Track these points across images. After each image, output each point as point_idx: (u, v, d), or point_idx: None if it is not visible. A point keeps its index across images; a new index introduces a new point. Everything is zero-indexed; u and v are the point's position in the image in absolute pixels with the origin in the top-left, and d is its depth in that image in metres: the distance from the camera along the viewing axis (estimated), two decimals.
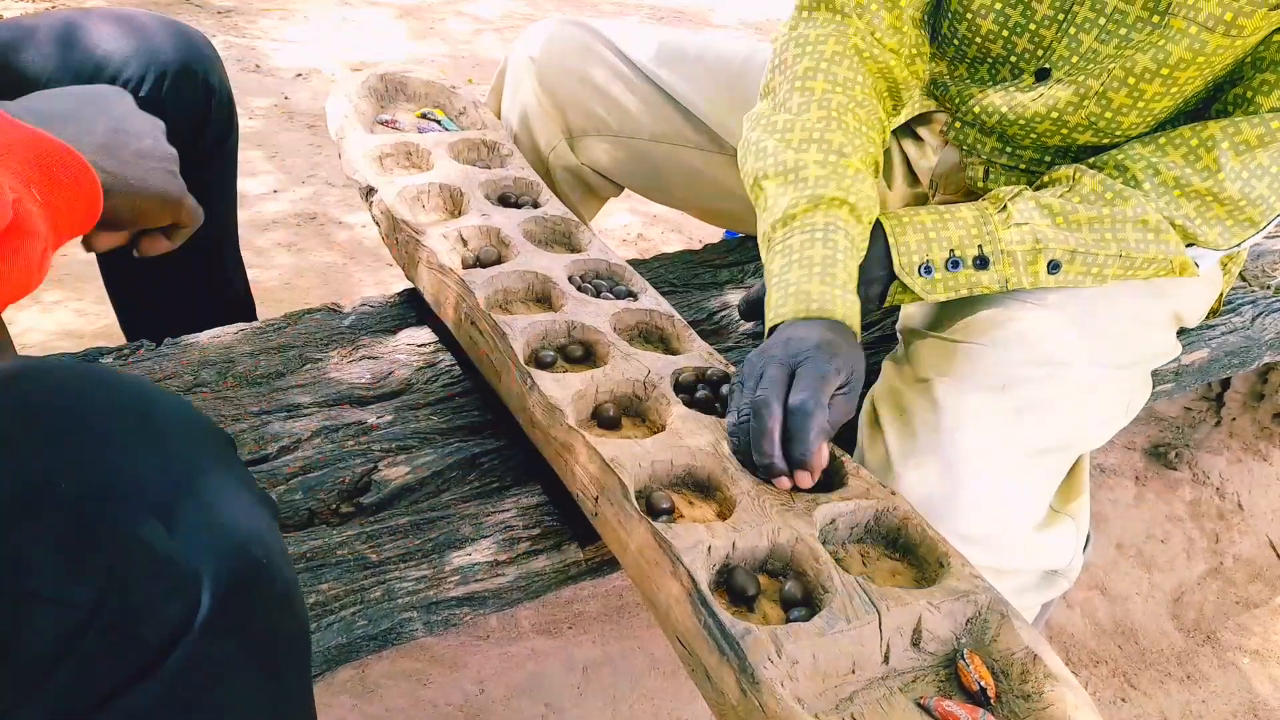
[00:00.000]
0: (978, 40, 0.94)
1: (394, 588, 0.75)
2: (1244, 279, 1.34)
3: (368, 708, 1.14)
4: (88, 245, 0.67)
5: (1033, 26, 0.90)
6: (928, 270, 0.87)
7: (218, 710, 0.47)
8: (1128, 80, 0.86)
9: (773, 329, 0.81)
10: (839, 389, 0.74)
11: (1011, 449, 0.82)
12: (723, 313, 1.12)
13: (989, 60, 0.96)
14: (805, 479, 0.70)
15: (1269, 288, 1.32)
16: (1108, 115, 0.89)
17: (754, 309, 0.96)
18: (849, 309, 0.80)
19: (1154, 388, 1.13)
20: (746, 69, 1.13)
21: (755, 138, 0.92)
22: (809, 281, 0.81)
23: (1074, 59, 0.89)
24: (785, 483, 0.71)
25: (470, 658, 1.22)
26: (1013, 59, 0.93)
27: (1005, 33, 0.92)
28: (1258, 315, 1.26)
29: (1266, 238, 1.44)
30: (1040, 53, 0.91)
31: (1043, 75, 0.92)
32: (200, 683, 0.46)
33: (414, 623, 0.75)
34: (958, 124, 1.00)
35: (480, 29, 3.49)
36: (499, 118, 1.27)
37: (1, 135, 0.53)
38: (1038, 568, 0.90)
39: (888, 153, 1.16)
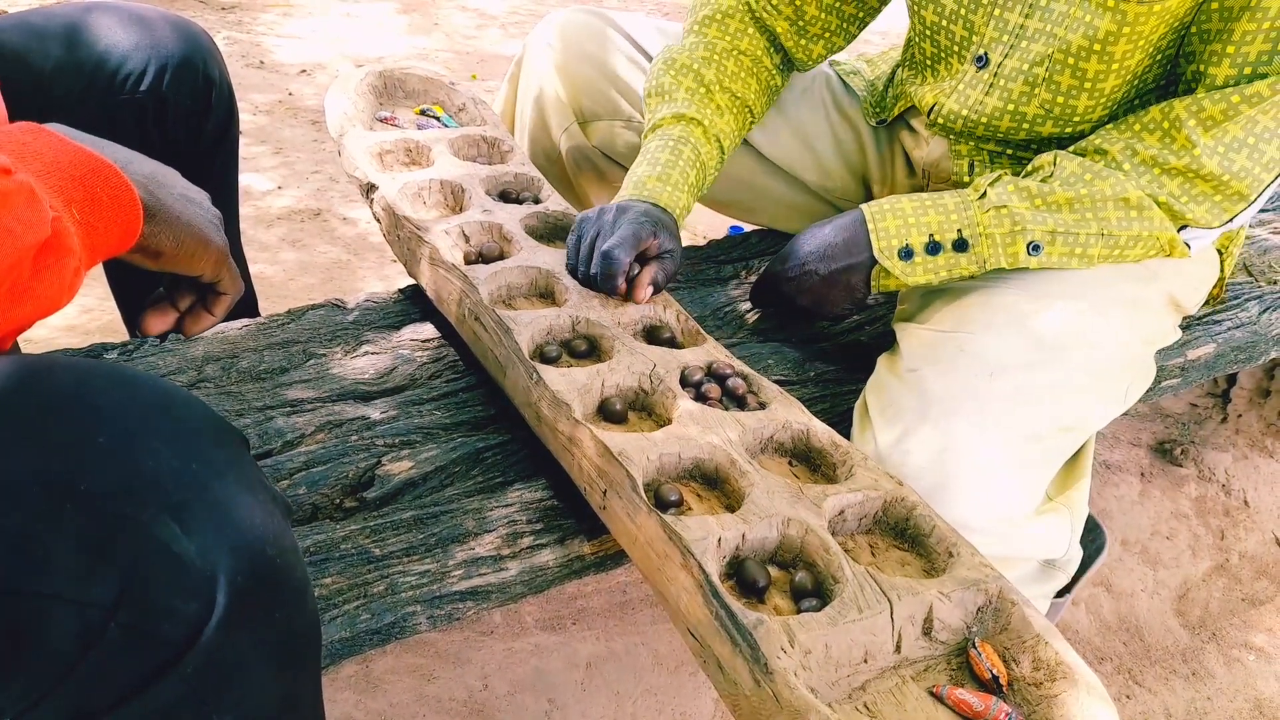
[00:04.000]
0: (929, 34, 0.99)
1: (397, 582, 0.74)
2: (1250, 274, 1.33)
3: (371, 703, 1.13)
4: (143, 329, 0.68)
5: (963, 12, 0.93)
6: (908, 254, 0.89)
7: (234, 706, 0.48)
8: (1067, 61, 0.88)
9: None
10: (661, 252, 0.93)
11: (1001, 436, 0.82)
12: (727, 308, 1.12)
13: (942, 56, 0.99)
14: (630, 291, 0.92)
15: (1276, 283, 1.32)
16: (1060, 100, 0.92)
17: (761, 294, 1.01)
18: (672, 200, 0.97)
19: (1160, 383, 1.13)
20: None
21: (654, 65, 1.08)
22: (650, 177, 0.98)
23: (1004, 38, 0.92)
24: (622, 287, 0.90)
25: (474, 653, 1.21)
26: (955, 48, 0.97)
27: (945, 22, 0.96)
28: (1264, 310, 1.25)
29: (1273, 233, 1.43)
30: (975, 38, 0.94)
31: (981, 61, 0.94)
32: (217, 680, 0.47)
33: (417, 617, 0.75)
34: (935, 126, 1.02)
35: (484, 24, 3.49)
36: (514, 105, 1.27)
37: (49, 152, 0.54)
38: (1032, 557, 0.90)
39: (889, 143, 1.17)
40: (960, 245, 0.89)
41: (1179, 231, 0.89)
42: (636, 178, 0.99)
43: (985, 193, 0.90)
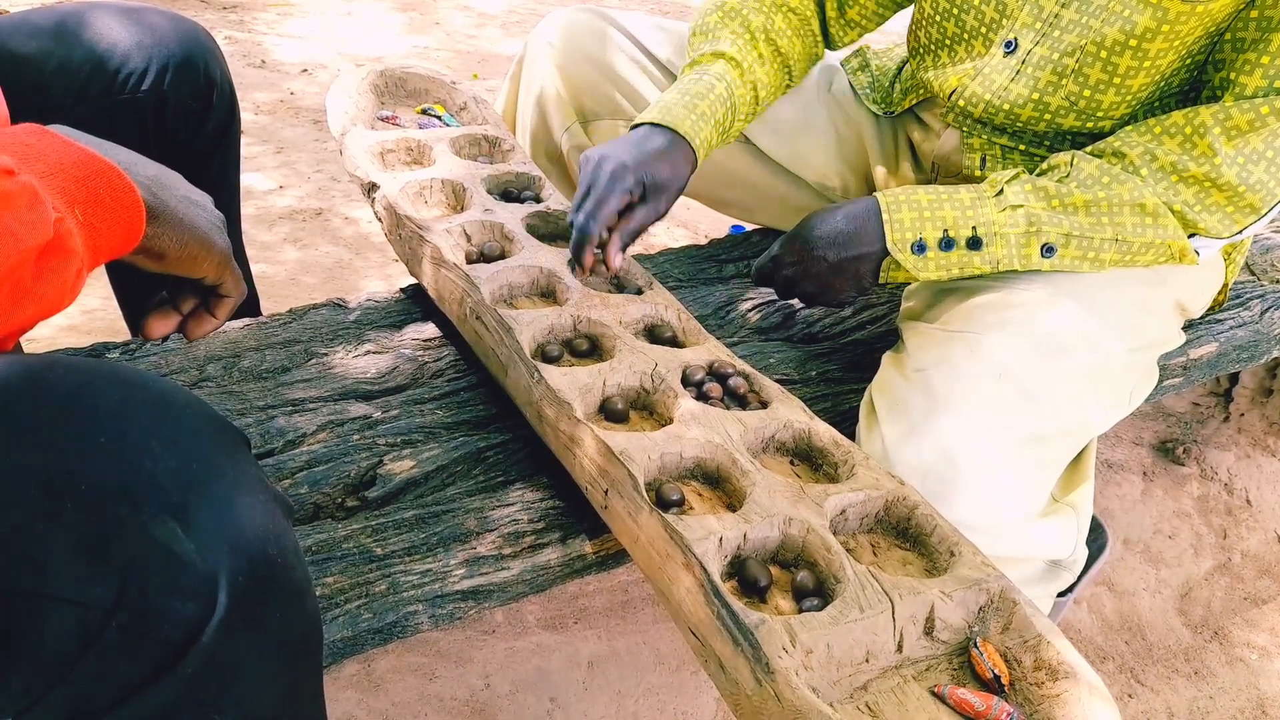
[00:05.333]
0: (955, 12, 0.97)
1: (399, 581, 0.74)
2: (1252, 273, 1.33)
3: (373, 702, 1.14)
4: (145, 333, 0.68)
5: None
6: (920, 248, 0.89)
7: (234, 706, 0.48)
8: (1100, 54, 0.88)
9: (634, 126, 0.98)
10: (639, 201, 0.93)
11: (1008, 436, 0.82)
12: (728, 307, 1.12)
13: (964, 37, 0.98)
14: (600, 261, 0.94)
15: (1278, 282, 1.32)
16: (1086, 94, 0.91)
17: (762, 274, 1.01)
18: (694, 130, 0.97)
19: (1162, 382, 1.13)
20: None
21: (703, 6, 1.09)
22: (677, 103, 0.98)
23: (1037, 25, 0.91)
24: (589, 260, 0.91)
25: (476, 652, 1.21)
26: (983, 30, 0.96)
27: (978, 1, 0.95)
28: (1266, 309, 1.25)
29: (1275, 231, 1.43)
30: (1006, 21, 0.93)
31: (1010, 46, 0.94)
32: (217, 680, 0.46)
33: (419, 616, 0.75)
34: (952, 114, 1.01)
35: (484, 23, 3.49)
36: (516, 104, 1.27)
37: (53, 154, 0.54)
38: (1038, 557, 0.90)
39: (894, 138, 1.16)
40: (974, 243, 0.88)
41: (1188, 239, 0.89)
42: (663, 102, 0.98)
43: (1002, 190, 0.89)
